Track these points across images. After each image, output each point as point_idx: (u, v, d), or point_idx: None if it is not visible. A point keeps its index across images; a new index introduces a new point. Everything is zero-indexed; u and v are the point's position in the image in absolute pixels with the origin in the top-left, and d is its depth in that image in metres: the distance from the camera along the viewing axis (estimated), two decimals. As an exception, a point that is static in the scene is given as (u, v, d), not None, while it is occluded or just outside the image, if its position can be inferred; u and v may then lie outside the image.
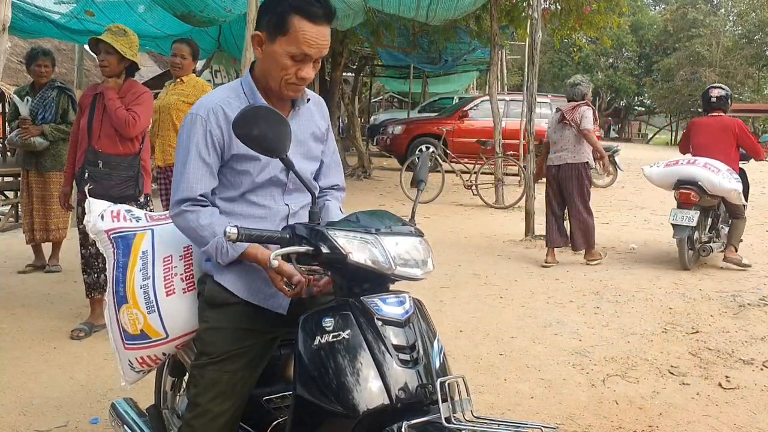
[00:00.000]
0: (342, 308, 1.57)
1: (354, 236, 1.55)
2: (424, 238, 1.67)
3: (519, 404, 3.31)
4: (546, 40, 14.88)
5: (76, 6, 7.50)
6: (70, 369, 3.55)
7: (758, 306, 4.96)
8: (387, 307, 1.56)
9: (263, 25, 1.75)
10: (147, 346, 1.98)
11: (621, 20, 11.81)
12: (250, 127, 1.56)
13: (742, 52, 36.90)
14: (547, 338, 4.27)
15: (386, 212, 1.82)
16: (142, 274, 1.99)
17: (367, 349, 1.51)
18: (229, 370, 1.75)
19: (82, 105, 4.05)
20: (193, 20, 8.08)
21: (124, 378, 2.13)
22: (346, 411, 1.47)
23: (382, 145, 15.69)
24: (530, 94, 7.92)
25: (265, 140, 1.57)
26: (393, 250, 1.56)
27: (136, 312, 1.97)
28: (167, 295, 1.96)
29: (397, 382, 1.49)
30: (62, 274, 5.53)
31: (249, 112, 1.57)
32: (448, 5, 8.68)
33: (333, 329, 1.54)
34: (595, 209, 8.34)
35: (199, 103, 1.83)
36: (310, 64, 1.75)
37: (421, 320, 1.63)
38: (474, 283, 5.64)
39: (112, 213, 2.18)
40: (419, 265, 1.61)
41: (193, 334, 1.95)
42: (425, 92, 22.83)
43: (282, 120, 1.59)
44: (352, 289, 1.61)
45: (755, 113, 33.09)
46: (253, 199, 1.85)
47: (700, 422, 3.15)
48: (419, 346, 1.56)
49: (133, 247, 2.05)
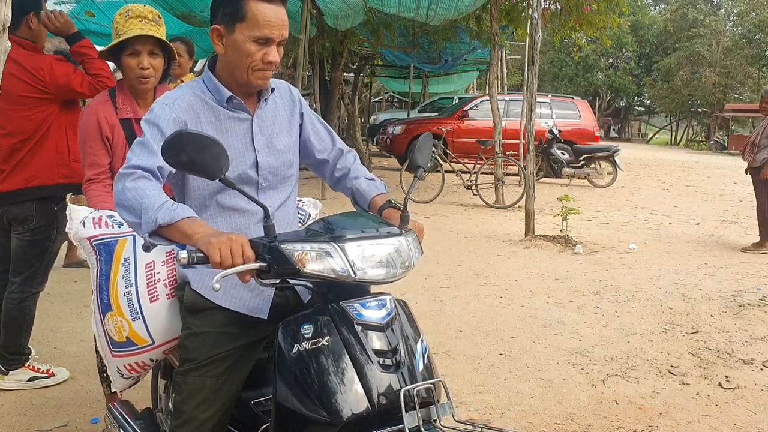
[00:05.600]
0: (321, 313, 1.55)
1: (311, 247, 1.50)
2: (405, 235, 1.61)
3: (519, 404, 3.31)
4: (546, 40, 14.91)
5: (76, 6, 7.52)
6: (71, 369, 3.54)
7: (758, 306, 4.96)
8: (367, 312, 1.53)
9: (219, 17, 1.74)
10: (134, 353, 1.97)
11: (621, 20, 11.80)
12: (178, 154, 1.50)
13: (742, 52, 36.89)
14: (547, 338, 4.27)
15: (361, 213, 1.78)
16: (125, 282, 1.97)
17: (347, 355, 1.48)
18: (212, 375, 1.73)
19: (107, 134, 2.54)
20: (193, 20, 8.10)
21: (115, 385, 2.12)
22: (329, 417, 1.44)
23: (382, 145, 15.70)
24: (530, 94, 7.92)
25: (197, 164, 1.51)
26: (357, 256, 1.52)
27: (121, 319, 1.95)
28: (151, 302, 1.94)
29: (379, 388, 1.46)
30: (62, 274, 5.53)
31: (174, 139, 1.50)
32: (448, 5, 8.69)
33: (312, 336, 1.51)
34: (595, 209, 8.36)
35: (166, 96, 1.79)
36: (273, 47, 1.74)
37: (404, 322, 1.60)
38: (474, 283, 5.64)
39: (94, 219, 2.15)
40: (396, 265, 1.57)
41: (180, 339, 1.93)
42: (425, 92, 22.85)
43: (212, 141, 1.52)
44: (327, 295, 1.58)
45: (755, 113, 33.05)
46: (224, 203, 1.80)
47: (700, 422, 3.16)
48: (401, 349, 1.53)
49: (115, 254, 2.03)
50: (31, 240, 3.22)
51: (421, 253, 1.67)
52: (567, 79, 40.69)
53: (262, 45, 1.72)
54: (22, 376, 3.33)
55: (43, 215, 3.21)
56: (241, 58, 1.73)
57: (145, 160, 1.65)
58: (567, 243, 7.17)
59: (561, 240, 7.24)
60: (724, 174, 17.06)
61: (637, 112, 48.29)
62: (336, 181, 2.05)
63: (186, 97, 1.78)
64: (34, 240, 3.22)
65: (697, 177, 16.28)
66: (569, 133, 13.63)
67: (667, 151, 31.34)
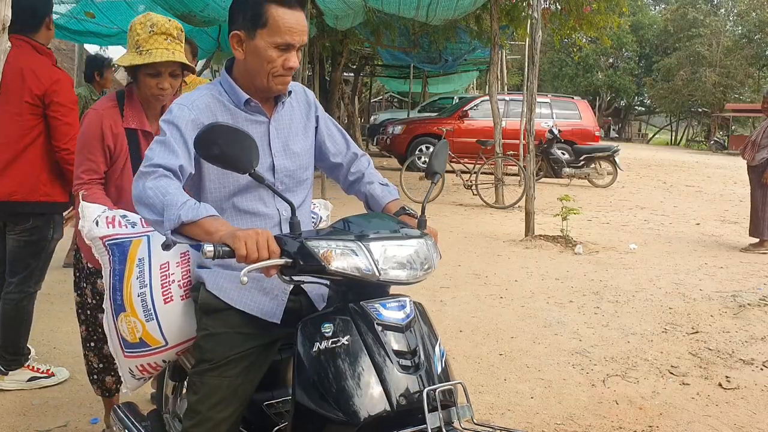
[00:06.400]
0: (341, 313, 1.54)
1: (336, 245, 1.50)
2: (425, 238, 1.62)
3: (519, 404, 3.31)
4: (546, 40, 14.90)
5: (76, 6, 7.51)
6: (70, 369, 3.54)
7: (758, 306, 4.97)
8: (387, 312, 1.53)
9: (239, 23, 1.75)
10: (146, 354, 1.96)
11: (621, 20, 11.81)
12: (210, 146, 1.52)
13: (742, 52, 36.90)
14: (547, 338, 4.27)
15: (381, 214, 1.78)
16: (139, 282, 1.96)
17: (367, 355, 1.48)
18: (229, 375, 1.73)
19: (109, 143, 2.49)
20: (193, 20, 8.09)
21: (126, 385, 2.10)
22: (347, 418, 1.44)
23: (382, 145, 15.71)
24: (530, 94, 7.92)
25: (229, 157, 1.52)
26: (381, 255, 1.51)
27: (134, 320, 1.94)
28: (165, 303, 1.93)
29: (398, 389, 1.46)
30: (62, 274, 5.52)
31: (207, 131, 1.52)
32: (448, 5, 8.68)
33: (332, 335, 1.50)
34: (595, 209, 8.37)
35: (184, 98, 1.79)
36: (293, 52, 1.75)
37: (423, 324, 1.59)
38: (474, 283, 5.64)
39: (107, 219, 2.13)
40: (417, 267, 1.57)
41: (193, 340, 1.92)
42: (425, 92, 22.86)
43: (243, 135, 1.54)
44: (347, 295, 1.58)
45: (755, 113, 33.05)
46: (241, 206, 1.80)
47: (700, 422, 3.16)
48: (420, 352, 1.52)
49: (129, 255, 2.02)
50: (28, 240, 3.21)
51: (439, 256, 1.68)
52: (567, 79, 40.70)
53: (282, 51, 1.73)
54: (22, 376, 3.33)
55: (39, 214, 3.21)
56: (262, 64, 1.74)
57: (167, 159, 1.65)
58: (567, 243, 7.16)
59: (561, 240, 7.24)
60: (724, 174, 17.06)
61: (637, 112, 48.29)
62: (350, 185, 2.06)
63: (204, 98, 1.78)
64: (31, 240, 3.21)
65: (697, 177, 16.29)
66: (569, 133, 13.63)
67: (667, 151, 31.34)
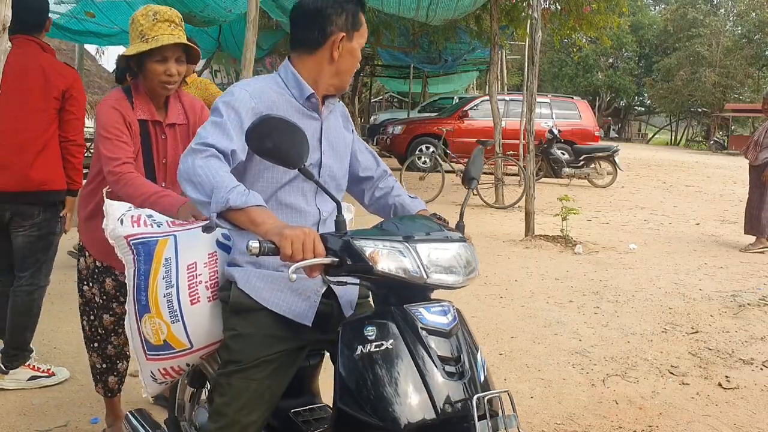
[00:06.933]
0: (383, 316, 1.49)
1: (383, 245, 1.47)
2: (467, 242, 1.60)
3: (519, 404, 3.28)
4: (546, 40, 14.89)
5: (76, 6, 7.51)
6: (71, 369, 3.54)
7: (758, 306, 4.97)
8: (431, 316, 1.48)
9: (338, 25, 1.77)
10: (170, 357, 1.90)
11: (621, 20, 11.80)
12: (263, 139, 1.49)
13: (742, 52, 36.90)
14: (547, 338, 4.27)
15: (426, 217, 1.74)
16: (166, 282, 1.89)
17: (411, 360, 1.43)
18: (257, 378, 1.69)
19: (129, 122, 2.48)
20: (194, 20, 8.09)
21: (146, 390, 2.04)
22: (390, 425, 1.40)
23: (382, 145, 15.68)
24: (530, 94, 7.92)
25: (280, 152, 1.50)
26: (427, 258, 1.49)
27: (159, 322, 1.88)
28: (192, 304, 1.86)
29: (442, 395, 1.41)
30: (62, 274, 5.52)
31: (261, 123, 1.50)
32: (448, 5, 8.67)
33: (375, 338, 1.46)
34: (594, 209, 8.37)
35: (247, 83, 1.79)
36: None
37: (465, 332, 1.56)
38: (474, 283, 5.63)
39: (132, 218, 2.06)
40: (461, 272, 1.54)
41: (219, 344, 1.88)
42: (425, 92, 22.84)
43: (296, 129, 1.52)
44: (387, 298, 1.54)
45: (755, 113, 33.07)
46: (284, 200, 1.79)
47: (700, 422, 3.16)
48: (464, 359, 1.48)
49: (156, 254, 1.95)
50: (38, 234, 3.24)
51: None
52: (567, 79, 40.69)
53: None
54: (22, 376, 3.33)
55: (47, 208, 3.23)
56: (354, 63, 1.83)
57: (220, 141, 1.63)
58: (567, 243, 7.17)
59: (561, 240, 7.24)
60: (724, 174, 17.06)
61: (637, 112, 48.29)
62: (376, 199, 2.07)
63: (267, 90, 1.78)
64: (41, 234, 3.24)
65: (697, 177, 16.28)
66: (569, 133, 13.63)
67: (667, 151, 31.33)
